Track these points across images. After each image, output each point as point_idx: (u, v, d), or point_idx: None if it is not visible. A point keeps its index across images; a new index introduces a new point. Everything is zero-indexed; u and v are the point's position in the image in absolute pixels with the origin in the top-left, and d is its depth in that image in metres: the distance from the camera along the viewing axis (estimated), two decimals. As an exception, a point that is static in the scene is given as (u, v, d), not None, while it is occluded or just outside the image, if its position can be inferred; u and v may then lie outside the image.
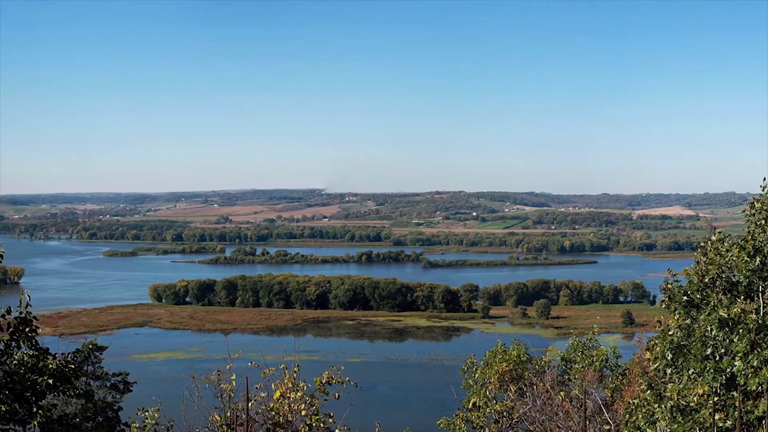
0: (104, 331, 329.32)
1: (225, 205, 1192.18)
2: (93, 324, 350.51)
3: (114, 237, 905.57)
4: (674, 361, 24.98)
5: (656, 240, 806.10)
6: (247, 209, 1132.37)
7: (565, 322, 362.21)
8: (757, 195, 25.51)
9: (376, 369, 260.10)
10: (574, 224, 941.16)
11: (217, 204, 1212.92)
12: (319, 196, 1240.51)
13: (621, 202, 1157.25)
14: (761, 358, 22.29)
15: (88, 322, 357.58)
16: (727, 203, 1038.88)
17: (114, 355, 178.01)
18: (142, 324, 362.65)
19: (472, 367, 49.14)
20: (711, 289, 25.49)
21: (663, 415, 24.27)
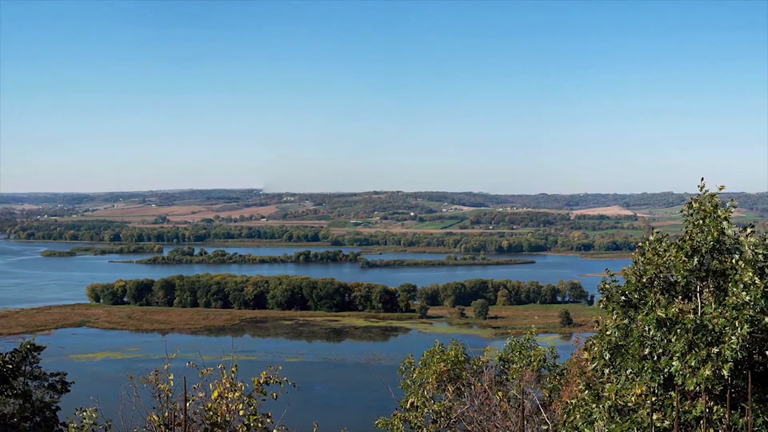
0: (42, 331, 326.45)
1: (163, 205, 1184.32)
2: (31, 324, 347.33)
3: (52, 237, 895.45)
4: (612, 361, 25.06)
5: (594, 240, 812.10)
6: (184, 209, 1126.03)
7: (503, 322, 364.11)
8: (694, 195, 25.65)
9: (314, 369, 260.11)
10: (512, 224, 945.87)
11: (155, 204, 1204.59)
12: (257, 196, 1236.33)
13: (559, 202, 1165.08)
14: (699, 358, 22.40)
15: (26, 322, 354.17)
16: (665, 203, 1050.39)
17: (52, 355, 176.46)
18: (80, 324, 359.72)
19: (410, 367, 49.24)
20: (649, 289, 25.60)
21: (601, 415, 24.33)
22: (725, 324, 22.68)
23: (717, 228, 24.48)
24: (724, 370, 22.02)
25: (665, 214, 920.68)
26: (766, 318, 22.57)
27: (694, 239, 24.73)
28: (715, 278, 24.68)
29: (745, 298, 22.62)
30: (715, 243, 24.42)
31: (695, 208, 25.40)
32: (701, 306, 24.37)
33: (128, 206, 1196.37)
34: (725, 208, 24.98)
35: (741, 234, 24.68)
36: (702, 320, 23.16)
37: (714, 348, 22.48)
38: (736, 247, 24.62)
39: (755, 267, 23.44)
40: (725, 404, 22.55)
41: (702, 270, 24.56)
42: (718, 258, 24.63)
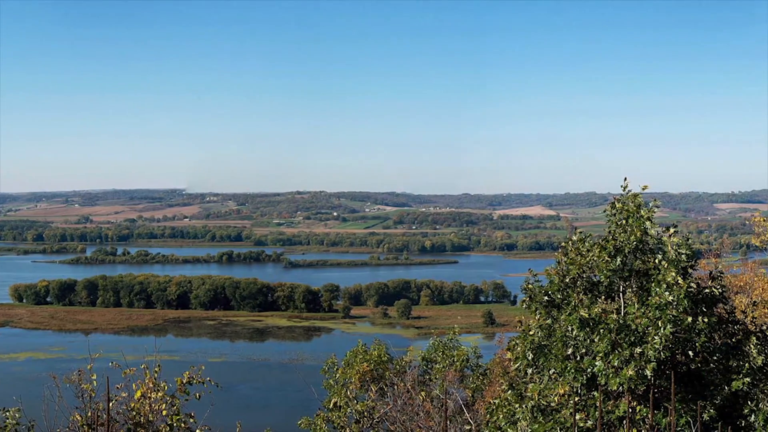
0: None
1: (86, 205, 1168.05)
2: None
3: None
4: (535, 361, 25.02)
5: (517, 240, 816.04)
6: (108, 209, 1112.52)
7: (426, 322, 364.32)
8: (618, 195, 25.68)
9: (237, 369, 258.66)
10: (435, 224, 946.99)
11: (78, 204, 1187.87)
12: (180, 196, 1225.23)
13: (482, 202, 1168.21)
14: (622, 358, 22.44)
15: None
16: (588, 203, 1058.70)
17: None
18: (3, 324, 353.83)
19: (333, 367, 48.97)
20: (572, 289, 25.64)
21: (524, 415, 24.31)
22: (648, 324, 22.74)
23: (640, 228, 24.53)
24: (647, 370, 22.08)
25: (588, 214, 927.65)
26: (689, 318, 22.68)
27: (617, 239, 24.76)
28: (638, 278, 24.75)
29: (668, 298, 22.70)
30: (638, 243, 24.48)
31: (618, 208, 25.43)
32: (624, 306, 24.43)
33: (51, 206, 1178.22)
34: (648, 208, 25.05)
35: (664, 234, 24.78)
36: (625, 320, 23.20)
37: (637, 348, 22.53)
38: (659, 247, 24.69)
39: (678, 267, 23.56)
40: (648, 404, 22.62)
41: (625, 270, 24.61)
42: (641, 258, 24.70)
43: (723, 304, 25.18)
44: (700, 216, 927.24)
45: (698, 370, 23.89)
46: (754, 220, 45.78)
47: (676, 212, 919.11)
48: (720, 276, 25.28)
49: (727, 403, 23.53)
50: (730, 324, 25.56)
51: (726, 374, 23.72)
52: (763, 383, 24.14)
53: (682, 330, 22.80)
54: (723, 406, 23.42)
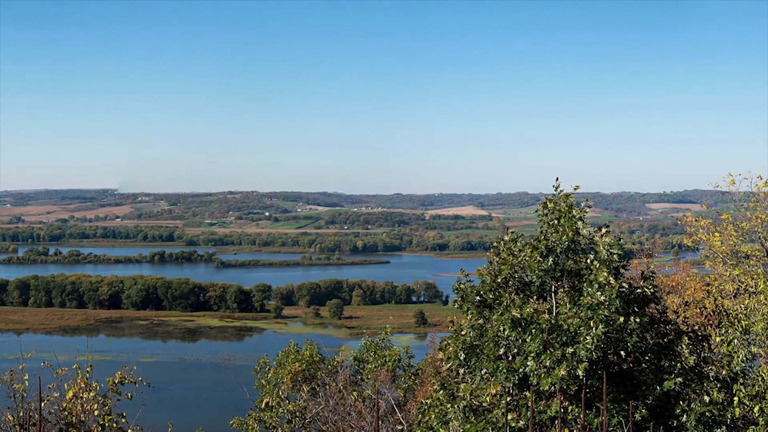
0: None
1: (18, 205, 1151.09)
2: None
3: None
4: (467, 361, 24.90)
5: (449, 240, 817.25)
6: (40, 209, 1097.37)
7: (358, 322, 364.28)
8: (549, 195, 25.65)
9: (169, 369, 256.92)
10: (367, 224, 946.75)
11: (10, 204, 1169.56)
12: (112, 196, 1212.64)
13: (414, 202, 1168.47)
14: (554, 358, 22.37)
15: None
16: (520, 203, 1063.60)
17: None
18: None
19: (265, 367, 48.82)
20: (504, 289, 25.57)
21: (456, 415, 24.17)
22: (580, 324, 22.72)
23: (572, 228, 24.51)
24: (578, 370, 22.04)
25: (520, 214, 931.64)
26: (621, 318, 22.72)
27: (549, 239, 24.72)
28: (570, 278, 24.74)
29: (600, 298, 22.71)
30: (570, 243, 24.46)
31: (550, 208, 25.43)
32: (556, 306, 24.43)
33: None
34: (580, 208, 25.06)
35: (596, 234, 24.79)
36: (557, 320, 23.17)
37: (569, 348, 22.48)
38: (591, 247, 24.70)
39: (610, 267, 23.61)
40: (580, 404, 22.57)
41: (557, 270, 24.58)
42: (573, 258, 24.70)
43: (655, 304, 25.26)
44: (632, 216, 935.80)
45: (630, 370, 23.92)
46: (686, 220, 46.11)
47: (608, 212, 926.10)
48: (652, 276, 25.37)
49: (659, 403, 23.61)
50: (662, 324, 25.64)
51: (658, 374, 23.79)
52: (695, 383, 24.26)
53: (614, 330, 22.83)
54: (655, 406, 23.50)
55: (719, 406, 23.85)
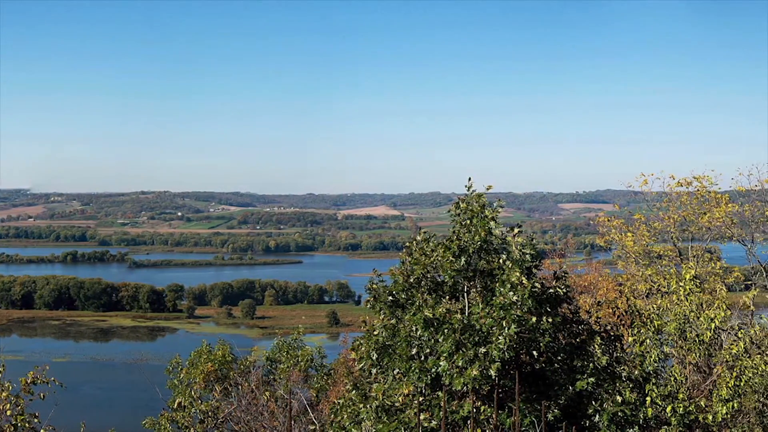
0: None
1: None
2: None
3: None
4: (379, 361, 24.66)
5: (362, 240, 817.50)
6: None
7: (271, 322, 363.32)
8: (462, 195, 25.48)
9: (82, 369, 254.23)
10: (280, 224, 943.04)
11: None
12: (25, 196, 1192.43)
13: (326, 202, 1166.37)
14: (466, 358, 22.19)
15: None
16: (433, 203, 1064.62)
17: None
18: None
19: (178, 367, 48.30)
20: (416, 289, 25.36)
21: (368, 415, 23.94)
22: (492, 324, 22.58)
23: (484, 228, 24.36)
24: (491, 370, 21.88)
25: (433, 214, 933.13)
26: (534, 318, 22.65)
27: (461, 239, 24.54)
28: (483, 278, 24.63)
29: (513, 298, 22.60)
30: (483, 243, 24.32)
31: (463, 208, 25.26)
32: (469, 306, 24.30)
33: None
34: (492, 208, 24.93)
35: (508, 234, 24.68)
36: (469, 320, 23.01)
37: (481, 348, 22.33)
38: (504, 247, 24.59)
39: (522, 267, 23.53)
40: (492, 404, 22.47)
41: (469, 270, 24.43)
42: (486, 258, 24.58)
43: (567, 304, 25.32)
44: (545, 216, 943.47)
45: (543, 370, 23.90)
46: (599, 220, 46.45)
47: (521, 212, 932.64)
48: (564, 276, 25.35)
49: (572, 402, 23.62)
50: (575, 324, 25.70)
51: (570, 374, 23.82)
52: (608, 383, 24.33)
53: (526, 330, 22.76)
54: (567, 406, 23.51)
55: (632, 406, 23.92)
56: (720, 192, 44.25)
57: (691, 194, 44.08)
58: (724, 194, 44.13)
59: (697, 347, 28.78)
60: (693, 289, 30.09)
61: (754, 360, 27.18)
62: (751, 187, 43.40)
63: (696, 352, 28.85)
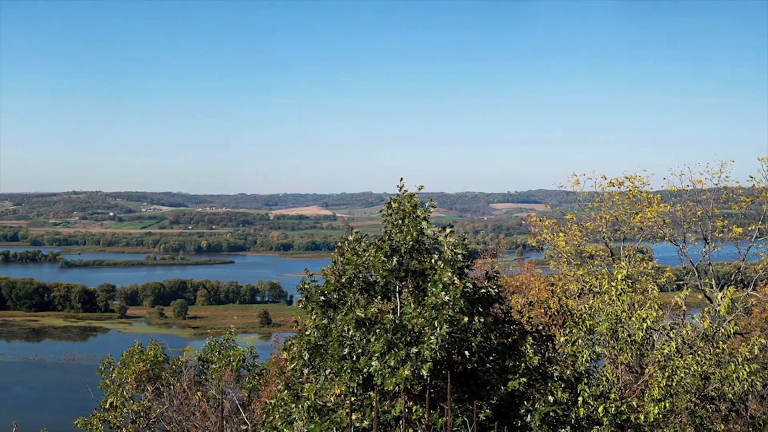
0: None
1: None
2: None
3: None
4: (311, 361, 24.34)
5: (293, 240, 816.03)
6: None
7: (203, 322, 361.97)
8: (393, 195, 25.24)
9: (13, 369, 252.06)
10: (212, 224, 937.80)
11: None
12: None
13: (258, 202, 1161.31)
14: (398, 358, 21.98)
15: None
16: (364, 203, 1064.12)
17: None
18: None
19: (110, 367, 47.69)
20: (348, 289, 25.09)
21: (300, 415, 23.63)
22: (424, 324, 22.37)
23: (416, 228, 24.15)
24: (423, 370, 21.67)
25: (364, 214, 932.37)
26: (465, 318, 22.45)
27: (393, 239, 24.31)
28: (415, 278, 24.41)
29: (445, 298, 22.39)
30: (415, 243, 24.10)
31: (394, 208, 25.03)
32: (400, 306, 24.06)
33: None
34: (424, 208, 24.72)
35: (440, 234, 24.46)
36: (401, 320, 22.78)
37: (413, 348, 22.11)
38: (436, 247, 24.38)
39: (454, 267, 23.32)
40: (424, 404, 22.27)
41: (401, 270, 24.21)
42: (418, 258, 24.36)
43: (499, 304, 25.19)
44: (477, 216, 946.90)
45: (475, 370, 23.74)
46: (530, 220, 46.52)
47: (453, 212, 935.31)
48: (496, 276, 25.21)
49: (504, 402, 23.51)
50: (507, 324, 25.58)
51: (502, 374, 23.69)
52: (540, 383, 24.23)
53: (458, 330, 22.57)
54: (499, 406, 23.38)
55: (563, 406, 23.84)
56: (652, 192, 44.54)
57: (623, 194, 44.33)
58: (656, 194, 44.43)
59: (629, 347, 28.83)
60: (625, 289, 30.11)
61: (686, 360, 27.25)
62: (683, 187, 43.80)
63: (628, 352, 28.90)
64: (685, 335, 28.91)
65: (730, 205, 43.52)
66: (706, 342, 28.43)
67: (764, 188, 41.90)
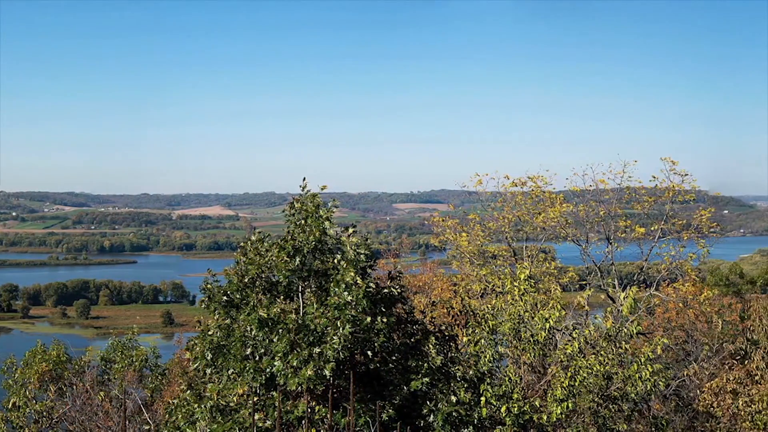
0: None
1: None
2: None
3: None
4: (214, 361, 24.03)
5: (196, 240, 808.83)
6: None
7: (106, 322, 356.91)
8: (296, 195, 24.95)
9: None
10: (114, 224, 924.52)
11: None
12: None
13: (161, 202, 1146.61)
14: (301, 358, 21.75)
15: None
16: (267, 203, 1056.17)
17: None
18: None
19: (12, 367, 46.61)
20: (251, 289, 24.79)
21: (203, 415, 23.22)
22: (327, 324, 22.18)
23: (319, 228, 23.91)
24: (325, 370, 21.48)
25: (267, 214, 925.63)
26: (368, 318, 22.30)
27: (296, 239, 24.05)
28: (317, 278, 24.20)
29: (347, 298, 22.20)
30: (317, 243, 23.88)
31: (297, 208, 24.79)
32: (303, 306, 23.82)
33: None
34: (327, 208, 24.53)
35: (343, 234, 24.27)
36: (304, 320, 22.57)
37: (316, 348, 21.90)
38: (338, 247, 24.20)
39: (357, 267, 23.17)
40: (327, 404, 22.06)
41: (304, 270, 23.95)
42: (320, 258, 24.14)
43: (402, 304, 25.11)
44: (379, 216, 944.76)
45: (377, 370, 23.62)
46: (433, 220, 46.54)
47: (356, 212, 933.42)
48: (399, 276, 25.14)
49: (407, 402, 23.45)
50: (409, 324, 25.52)
51: (405, 374, 23.63)
52: (442, 383, 24.20)
53: (361, 330, 22.40)
54: (402, 406, 23.31)
55: (466, 406, 23.84)
56: (555, 192, 44.83)
57: (526, 194, 44.54)
58: (559, 194, 44.72)
59: (531, 347, 28.90)
60: (528, 289, 30.18)
61: (589, 360, 27.40)
62: (586, 187, 44.15)
63: (531, 352, 28.97)
64: (588, 335, 29.08)
65: (633, 205, 43.98)
66: (608, 342, 28.65)
67: (667, 188, 42.45)
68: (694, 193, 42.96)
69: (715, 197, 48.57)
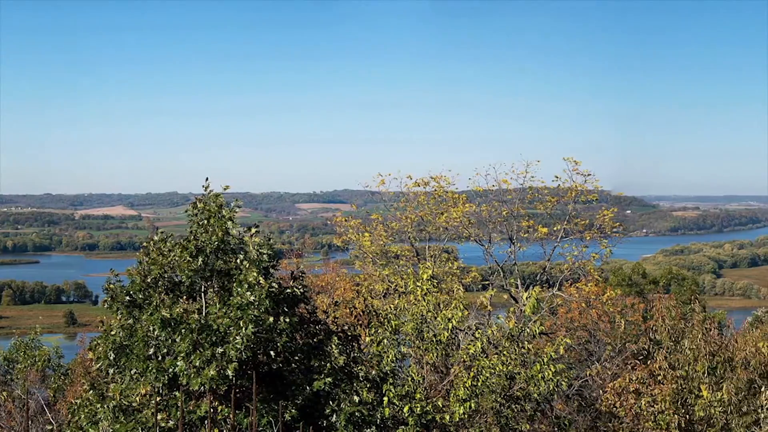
0: None
1: None
2: None
3: None
4: (117, 361, 23.56)
5: (99, 240, 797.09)
6: None
7: (8, 322, 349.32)
8: (199, 195, 24.61)
9: None
10: (17, 224, 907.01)
11: None
12: None
13: (64, 202, 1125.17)
14: (204, 358, 21.48)
15: None
16: (170, 203, 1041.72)
17: None
18: None
19: None
20: (154, 289, 24.38)
21: (105, 415, 22.77)
22: (230, 324, 21.93)
23: (222, 228, 23.61)
24: (228, 370, 21.26)
25: (170, 214, 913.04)
26: (271, 318, 22.12)
27: (198, 239, 23.72)
28: (220, 278, 23.91)
29: (250, 298, 21.99)
30: (220, 243, 23.56)
31: (200, 208, 24.44)
32: (206, 306, 23.53)
33: None
34: (230, 208, 24.24)
35: (246, 234, 24.02)
36: (207, 320, 22.28)
37: (219, 348, 21.65)
38: (241, 247, 23.92)
39: (260, 267, 22.97)
40: (230, 404, 21.81)
41: (207, 270, 23.64)
42: (223, 258, 23.83)
43: (305, 304, 24.96)
44: (282, 216, 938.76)
45: (280, 370, 23.45)
46: (336, 220, 46.37)
47: (258, 212, 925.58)
48: (302, 276, 24.98)
49: (309, 403, 23.31)
50: (312, 324, 25.34)
51: (308, 374, 23.50)
52: (345, 383, 24.11)
53: (263, 330, 22.19)
54: (305, 406, 23.18)
55: (369, 406, 23.79)
56: (457, 192, 44.90)
57: (429, 194, 44.54)
58: (462, 194, 44.79)
59: (434, 347, 28.92)
60: (430, 289, 30.20)
61: (492, 360, 27.49)
62: (488, 187, 44.18)
63: (433, 352, 28.99)
64: (491, 335, 29.22)
65: (536, 205, 44.20)
66: (511, 342, 28.81)
67: (569, 188, 42.64)
68: (597, 193, 43.17)
69: (618, 197, 49.15)
